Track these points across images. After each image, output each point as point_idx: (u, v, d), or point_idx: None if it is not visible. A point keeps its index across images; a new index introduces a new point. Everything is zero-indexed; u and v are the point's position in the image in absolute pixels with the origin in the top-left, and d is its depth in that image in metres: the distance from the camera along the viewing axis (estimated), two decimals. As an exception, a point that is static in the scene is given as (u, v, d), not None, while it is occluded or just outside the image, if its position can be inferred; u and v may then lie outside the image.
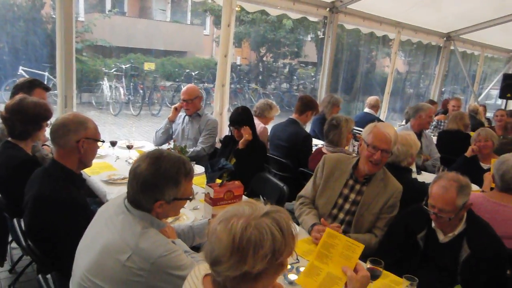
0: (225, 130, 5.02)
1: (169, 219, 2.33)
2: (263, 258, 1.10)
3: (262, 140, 3.96)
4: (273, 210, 1.17)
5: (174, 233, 1.95)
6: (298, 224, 2.64)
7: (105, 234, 1.57)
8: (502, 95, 9.36)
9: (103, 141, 2.30)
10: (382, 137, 2.50)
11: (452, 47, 8.64)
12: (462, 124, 5.19)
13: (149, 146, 4.15)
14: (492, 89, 11.04)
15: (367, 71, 10.87)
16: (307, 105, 4.27)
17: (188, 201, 1.78)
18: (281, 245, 1.13)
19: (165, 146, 4.08)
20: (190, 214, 2.56)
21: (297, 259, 2.10)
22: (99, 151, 2.43)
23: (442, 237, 2.28)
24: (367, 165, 2.55)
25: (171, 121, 4.30)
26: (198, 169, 3.49)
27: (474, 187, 3.78)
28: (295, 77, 14.86)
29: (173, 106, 4.36)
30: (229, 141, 3.81)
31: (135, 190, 1.58)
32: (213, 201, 2.38)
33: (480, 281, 2.14)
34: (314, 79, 13.06)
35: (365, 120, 5.80)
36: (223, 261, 1.11)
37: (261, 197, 3.32)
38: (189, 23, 17.34)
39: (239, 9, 6.00)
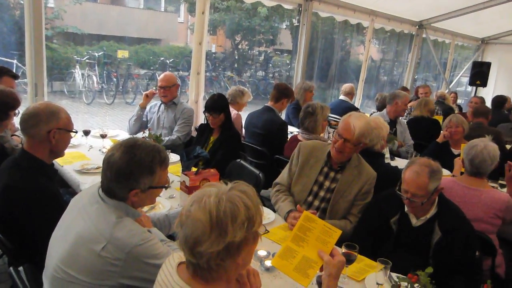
0: (200, 118, 4.99)
1: (145, 208, 2.31)
2: (241, 226, 1.15)
3: (236, 126, 3.95)
4: (237, 184, 1.24)
5: (150, 222, 1.93)
6: (274, 211, 2.66)
7: (79, 224, 1.54)
8: (471, 82, 9.62)
9: (75, 132, 2.24)
10: (346, 127, 2.53)
11: (424, 35, 8.79)
12: (426, 110, 5.29)
13: (124, 135, 4.08)
14: (462, 76, 11.32)
15: (342, 59, 10.94)
16: (282, 92, 4.28)
17: (163, 189, 1.76)
18: (254, 212, 1.19)
19: (140, 135, 4.03)
20: (166, 203, 2.54)
21: (266, 229, 2.20)
22: (72, 140, 2.37)
23: (414, 221, 2.33)
24: (332, 150, 2.58)
25: (143, 107, 4.23)
26: (174, 157, 3.47)
27: (446, 172, 3.90)
28: (270, 65, 14.82)
29: (144, 93, 4.29)
30: (204, 129, 3.78)
31: (109, 179, 1.56)
32: (189, 189, 2.37)
33: (451, 263, 2.21)
34: (289, 66, 13.06)
35: (340, 107, 5.87)
36: (204, 240, 1.13)
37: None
38: (163, 10, 17.02)
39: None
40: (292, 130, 4.78)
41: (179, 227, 1.19)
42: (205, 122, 3.77)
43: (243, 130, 4.51)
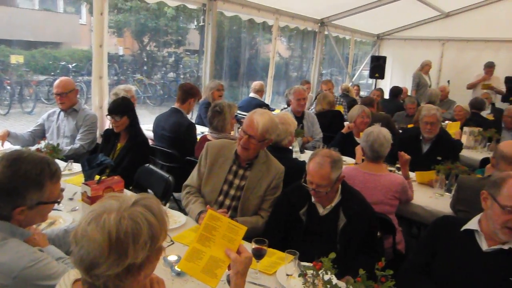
0: (106, 124, 4.75)
1: (43, 224, 2.14)
2: (143, 246, 1.09)
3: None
4: (141, 197, 1.16)
5: (45, 240, 1.77)
6: (186, 214, 2.62)
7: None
8: (371, 75, 10.32)
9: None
10: (250, 123, 2.55)
11: (326, 32, 9.23)
12: (326, 103, 5.56)
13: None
14: (363, 70, 12.09)
15: (251, 57, 11.12)
16: (188, 93, 4.21)
17: (57, 204, 1.64)
18: (158, 229, 1.13)
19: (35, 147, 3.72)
20: (68, 217, 2.37)
21: (171, 241, 2.13)
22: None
23: (321, 210, 2.43)
24: (238, 147, 2.60)
25: None
26: (77, 167, 3.26)
27: (351, 160, 4.14)
28: (181, 66, 14.58)
29: None
30: (110, 135, 3.60)
31: None
32: (92, 200, 2.23)
33: (355, 245, 2.35)
34: (200, 67, 12.99)
35: (251, 104, 5.96)
36: (101, 262, 1.05)
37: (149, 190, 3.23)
38: (62, 11, 15.91)
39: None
40: (204, 130, 4.74)
41: (73, 244, 1.09)
42: (110, 128, 3.60)
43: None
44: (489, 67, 8.01)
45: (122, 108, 3.40)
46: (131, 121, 3.46)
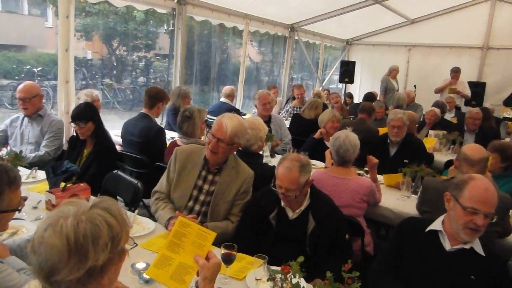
0: (73, 130, 4.64)
1: (4, 234, 2.07)
2: (104, 248, 1.08)
3: None
4: (99, 200, 1.15)
5: (6, 251, 1.71)
6: (155, 220, 2.58)
7: None
8: (341, 80, 10.50)
9: None
10: (219, 127, 2.55)
11: (296, 37, 9.34)
12: (314, 114, 5.55)
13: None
14: (333, 75, 12.28)
15: (222, 62, 11.08)
16: (155, 97, 4.15)
17: (17, 212, 1.58)
18: (118, 230, 1.13)
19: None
20: (31, 226, 2.29)
21: (134, 243, 2.09)
22: None
23: (291, 214, 2.45)
24: (207, 151, 2.59)
25: None
26: (42, 175, 3.16)
27: (321, 164, 4.19)
28: (151, 70, 14.41)
29: None
30: (76, 141, 3.52)
31: None
32: (56, 209, 2.17)
33: (324, 248, 2.37)
34: (170, 71, 12.87)
35: (222, 109, 5.94)
36: (61, 267, 1.03)
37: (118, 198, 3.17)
38: (26, 14, 15.44)
39: (83, -1, 5.59)
40: (173, 135, 4.69)
41: (31, 254, 1.07)
42: (76, 134, 3.51)
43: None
44: (455, 72, 8.30)
45: (86, 114, 3.33)
46: (96, 127, 3.39)
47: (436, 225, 2.10)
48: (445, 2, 9.55)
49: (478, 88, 8.60)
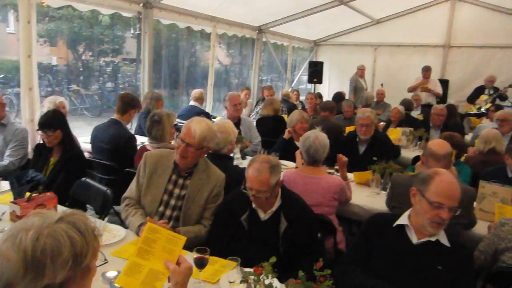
0: (38, 138, 4.51)
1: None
2: (64, 266, 1.03)
3: None
4: (67, 214, 1.11)
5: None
6: (126, 227, 2.54)
7: None
8: (310, 80, 10.62)
9: None
10: (188, 131, 2.54)
11: (264, 39, 9.38)
12: (272, 109, 5.67)
13: None
14: (302, 75, 12.40)
15: (191, 65, 11.03)
16: (129, 104, 4.09)
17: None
18: (83, 247, 1.08)
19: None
20: (-5, 239, 2.22)
21: (105, 260, 2.04)
22: None
23: (263, 215, 2.46)
24: (177, 156, 2.57)
25: None
26: (6, 185, 3.06)
27: (292, 164, 4.23)
28: (120, 75, 14.16)
29: None
30: (42, 149, 3.42)
31: None
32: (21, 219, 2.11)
33: (297, 248, 2.40)
34: (138, 76, 12.71)
35: (191, 113, 5.91)
36: (16, 282, 1.00)
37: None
38: (-14, 19, 14.91)
39: (45, 4, 5.44)
40: (144, 140, 4.63)
41: None
42: (42, 142, 3.42)
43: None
44: (426, 70, 8.55)
45: (55, 122, 3.26)
46: (64, 135, 3.31)
47: (403, 219, 2.15)
48: (408, 3, 9.83)
49: (441, 85, 8.87)
